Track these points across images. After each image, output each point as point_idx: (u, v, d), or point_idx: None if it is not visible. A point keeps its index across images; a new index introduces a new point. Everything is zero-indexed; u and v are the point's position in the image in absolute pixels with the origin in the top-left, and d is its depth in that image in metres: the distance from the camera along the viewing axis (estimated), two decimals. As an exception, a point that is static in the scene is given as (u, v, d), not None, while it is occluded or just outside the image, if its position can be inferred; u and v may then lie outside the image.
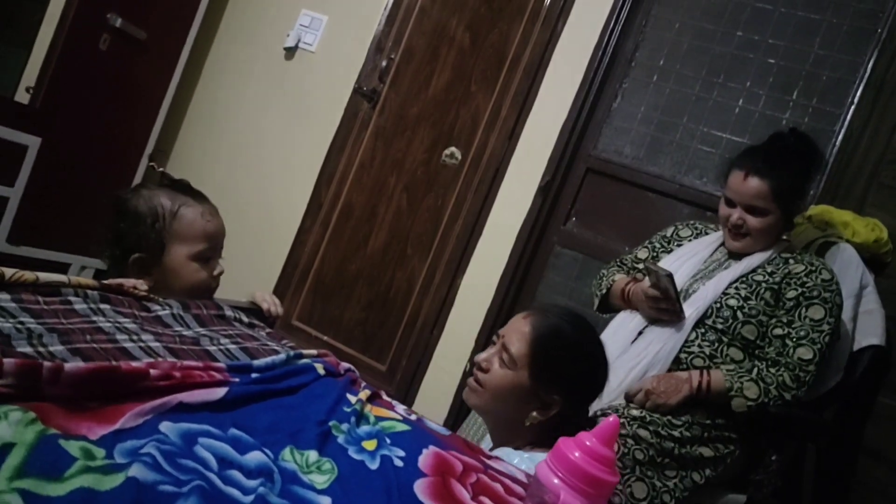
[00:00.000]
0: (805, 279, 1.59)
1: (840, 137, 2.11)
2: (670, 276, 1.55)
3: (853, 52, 2.14)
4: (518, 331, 1.21)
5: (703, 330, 1.60)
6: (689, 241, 1.82)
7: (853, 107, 2.11)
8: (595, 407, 1.42)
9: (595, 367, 1.23)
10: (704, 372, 1.54)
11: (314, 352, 1.07)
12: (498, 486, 0.86)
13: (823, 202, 2.02)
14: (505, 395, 1.19)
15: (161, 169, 1.34)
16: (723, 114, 2.30)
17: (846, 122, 2.11)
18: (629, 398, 1.55)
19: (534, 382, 1.17)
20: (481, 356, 1.25)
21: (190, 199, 1.32)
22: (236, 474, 0.69)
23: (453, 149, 2.71)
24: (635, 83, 2.45)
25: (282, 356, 0.99)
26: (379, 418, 0.94)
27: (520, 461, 1.11)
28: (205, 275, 1.32)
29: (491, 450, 1.25)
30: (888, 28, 2.10)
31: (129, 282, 1.14)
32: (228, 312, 1.22)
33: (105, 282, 1.13)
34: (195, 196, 1.34)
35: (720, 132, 2.29)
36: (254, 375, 0.91)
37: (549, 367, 1.18)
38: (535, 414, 1.18)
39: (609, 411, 1.52)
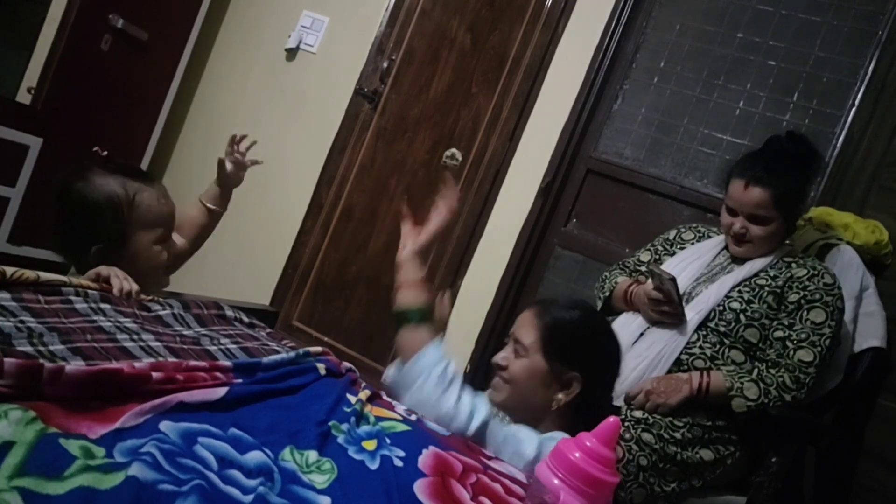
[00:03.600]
0: (807, 283, 1.59)
1: (840, 139, 2.11)
2: (673, 279, 1.56)
3: (854, 55, 2.14)
4: (526, 323, 1.27)
5: (704, 332, 1.60)
6: (692, 244, 1.81)
7: (854, 109, 2.11)
8: None
9: (604, 340, 1.29)
10: (704, 373, 1.54)
11: (319, 349, 1.08)
12: (498, 487, 0.86)
13: (824, 204, 2.02)
14: (527, 382, 1.23)
15: (105, 153, 1.32)
16: (723, 115, 2.30)
17: (847, 125, 2.11)
18: (629, 399, 1.55)
19: (550, 364, 1.22)
20: (498, 356, 1.29)
21: (142, 184, 1.30)
22: (236, 474, 0.69)
23: (454, 150, 2.71)
24: (636, 85, 2.45)
25: (290, 355, 1.00)
26: (379, 418, 0.94)
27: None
28: (166, 255, 1.33)
29: None
30: (889, 30, 2.10)
31: (117, 277, 1.14)
32: (229, 312, 1.23)
33: (98, 271, 1.14)
34: (146, 179, 1.32)
35: (721, 134, 2.29)
36: (259, 374, 0.91)
37: (560, 345, 1.23)
38: (560, 396, 1.22)
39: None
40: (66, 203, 1.26)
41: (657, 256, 1.84)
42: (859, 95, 2.11)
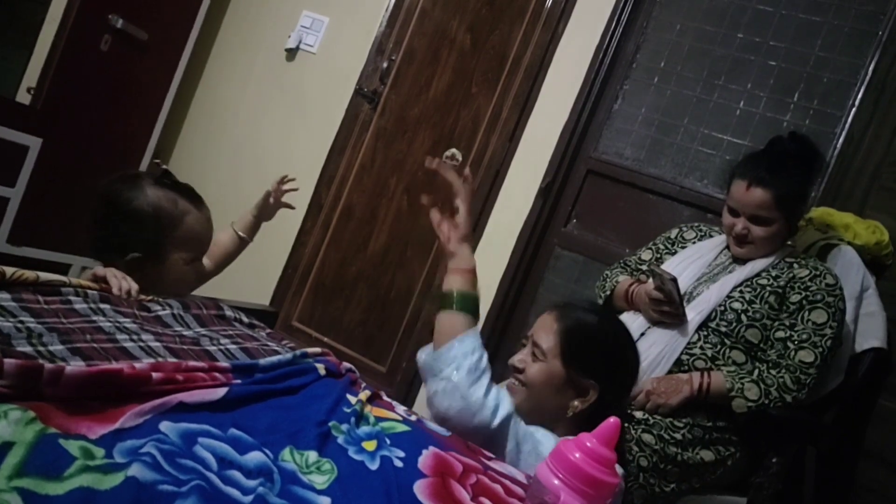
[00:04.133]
0: (809, 283, 1.58)
1: (841, 140, 2.11)
2: (674, 280, 1.55)
3: (854, 55, 2.14)
4: (545, 326, 1.25)
5: (705, 332, 1.60)
6: (694, 243, 1.81)
7: (854, 109, 2.11)
8: None
9: (624, 348, 1.27)
10: (705, 373, 1.54)
11: (318, 350, 1.08)
12: (498, 487, 0.86)
13: (824, 204, 2.02)
14: (543, 387, 1.22)
15: (165, 167, 1.32)
16: (724, 116, 2.30)
17: (847, 125, 2.11)
18: (629, 400, 1.55)
19: (567, 369, 1.20)
20: (515, 359, 1.27)
21: (192, 207, 1.31)
22: (236, 474, 0.69)
23: (454, 150, 2.71)
24: (636, 85, 2.45)
25: (288, 356, 0.99)
26: (379, 419, 0.94)
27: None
28: (193, 276, 1.36)
29: None
30: (889, 30, 2.10)
31: (115, 277, 1.14)
32: (228, 313, 1.23)
33: (96, 272, 1.14)
34: (196, 202, 1.33)
35: (721, 134, 2.29)
36: (258, 375, 0.91)
37: (579, 351, 1.21)
38: (576, 403, 1.20)
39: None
40: (112, 207, 1.26)
41: (659, 255, 1.84)
42: (860, 96, 2.11)
